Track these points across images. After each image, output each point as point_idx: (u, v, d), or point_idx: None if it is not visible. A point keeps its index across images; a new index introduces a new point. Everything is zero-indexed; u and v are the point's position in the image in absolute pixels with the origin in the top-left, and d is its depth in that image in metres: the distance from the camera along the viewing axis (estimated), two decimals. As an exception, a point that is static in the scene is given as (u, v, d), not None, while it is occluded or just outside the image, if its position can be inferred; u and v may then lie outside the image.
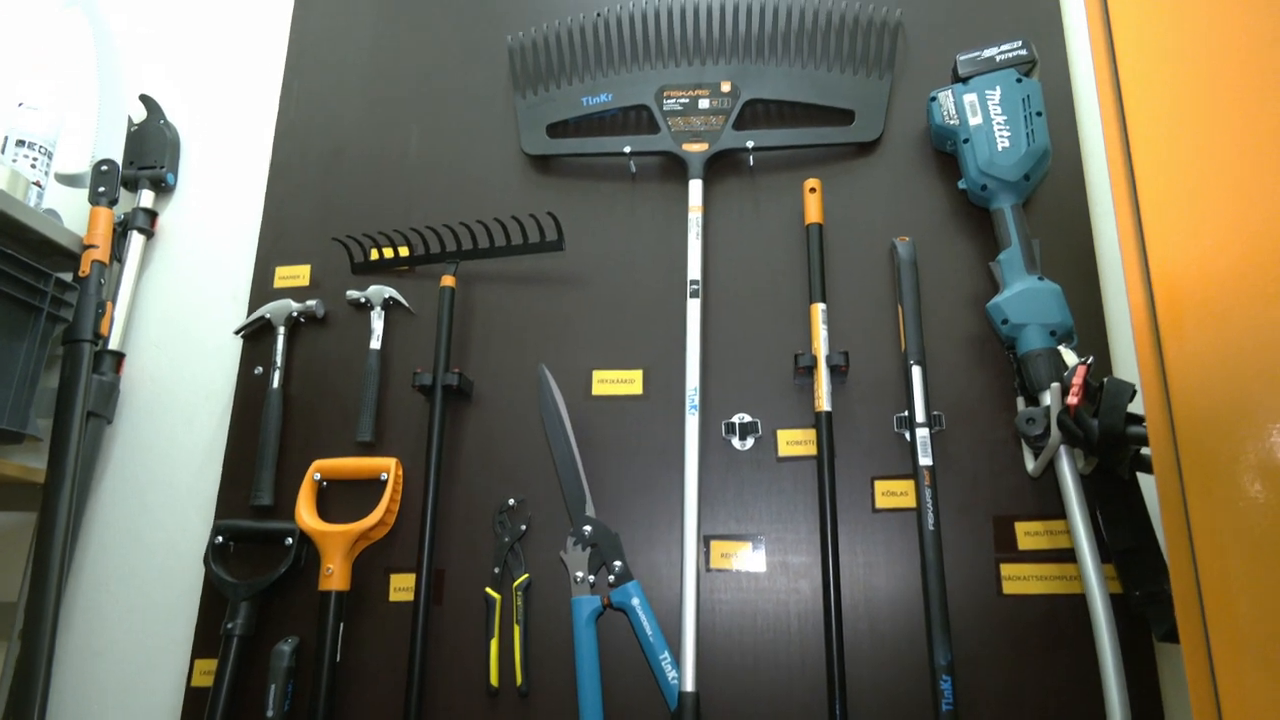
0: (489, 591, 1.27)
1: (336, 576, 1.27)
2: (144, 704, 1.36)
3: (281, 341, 1.45)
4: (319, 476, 1.36)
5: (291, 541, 1.32)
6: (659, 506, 1.29)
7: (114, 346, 1.50)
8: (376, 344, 1.42)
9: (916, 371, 1.24)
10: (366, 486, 1.35)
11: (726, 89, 1.43)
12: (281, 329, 1.46)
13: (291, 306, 1.46)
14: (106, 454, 1.49)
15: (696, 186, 1.38)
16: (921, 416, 1.21)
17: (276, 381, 1.43)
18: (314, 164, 1.59)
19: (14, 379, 1.31)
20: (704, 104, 1.43)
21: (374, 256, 1.47)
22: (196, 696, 1.30)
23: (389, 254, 1.46)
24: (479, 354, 1.42)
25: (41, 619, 1.23)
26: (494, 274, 1.46)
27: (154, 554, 1.43)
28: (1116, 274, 1.28)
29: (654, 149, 1.43)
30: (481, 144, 1.54)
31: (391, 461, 1.35)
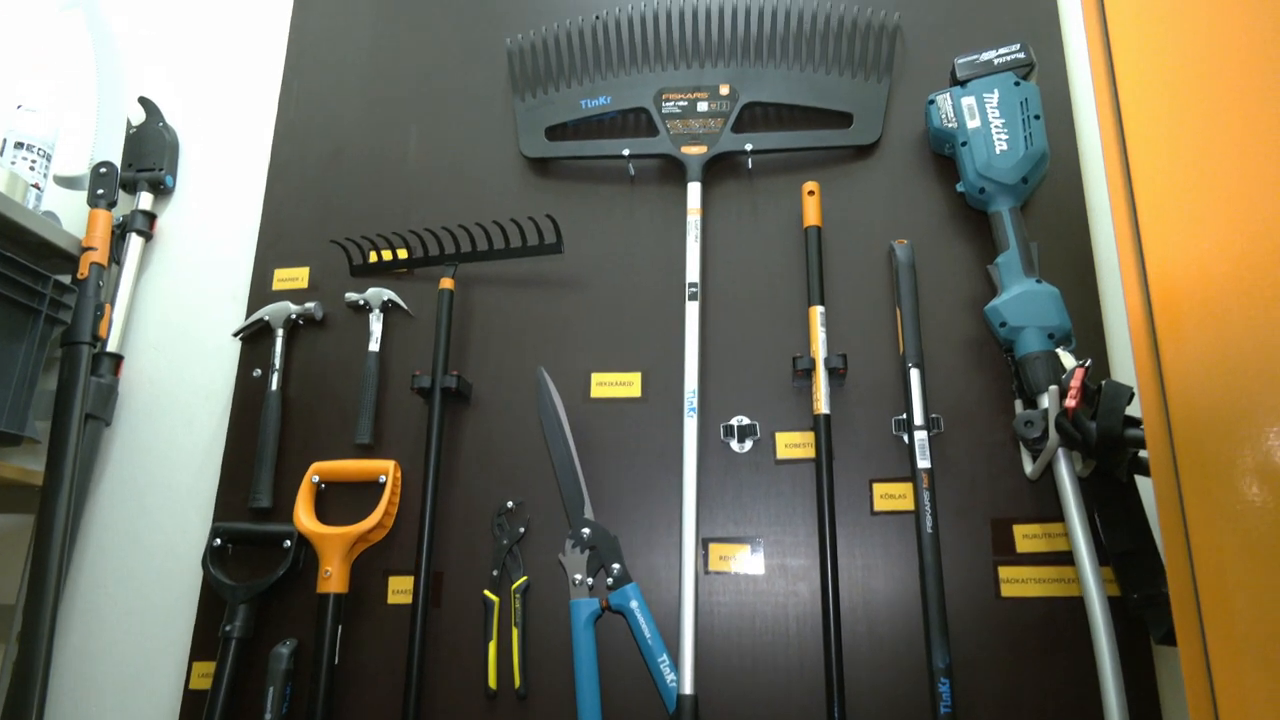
0: (487, 594, 1.27)
1: (335, 579, 1.27)
2: (142, 706, 1.36)
3: (280, 344, 1.45)
4: (317, 479, 1.36)
5: (290, 544, 1.32)
6: (657, 509, 1.29)
7: (112, 349, 1.50)
8: (375, 346, 1.42)
9: (915, 374, 1.24)
10: (365, 489, 1.35)
11: (725, 92, 1.43)
12: (280, 331, 1.46)
13: (290, 309, 1.46)
14: (105, 456, 1.49)
15: (695, 189, 1.39)
16: (920, 419, 1.21)
17: (275, 384, 1.43)
18: (313, 166, 1.59)
19: (12, 381, 1.31)
20: (703, 107, 1.43)
21: (373, 259, 1.47)
22: (194, 699, 1.30)
23: (388, 256, 1.46)
24: (478, 356, 1.42)
25: (39, 621, 1.23)
26: (493, 276, 1.46)
27: (152, 556, 1.43)
28: (1114, 277, 1.29)
29: (653, 152, 1.43)
30: (480, 146, 1.55)
31: (390, 464, 1.35)
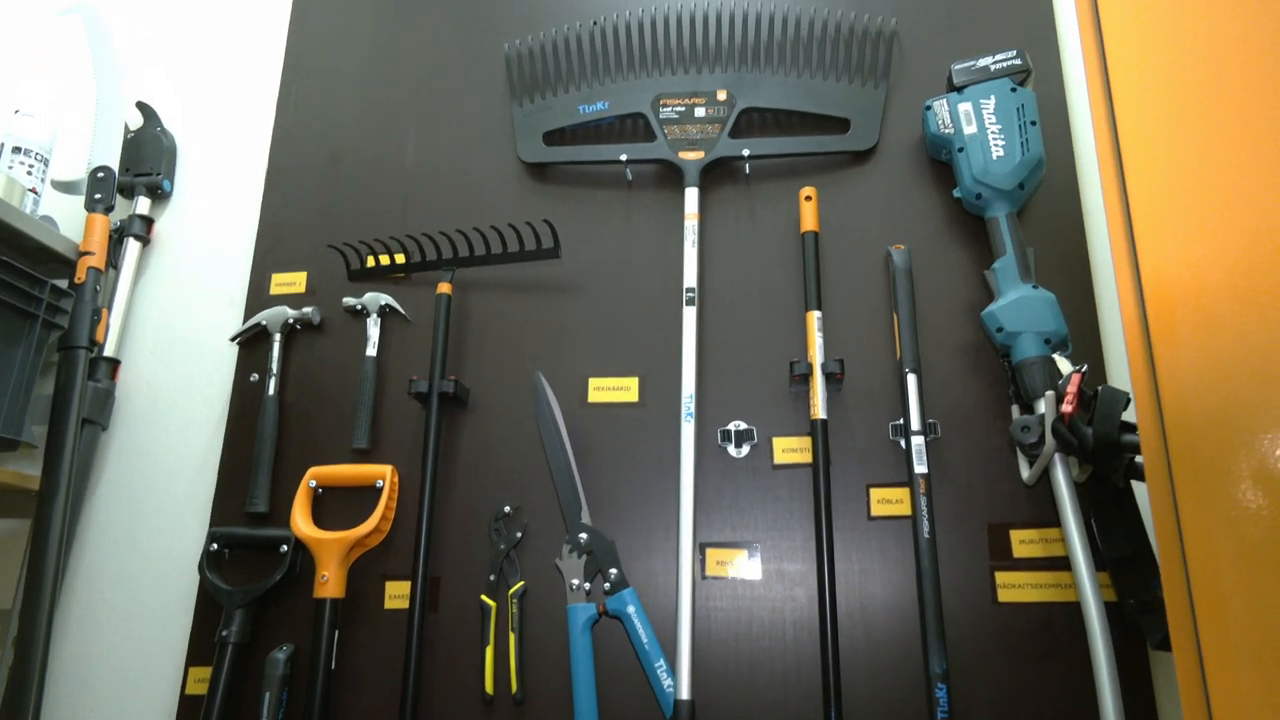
0: (484, 599, 1.27)
1: (332, 584, 1.27)
2: (138, 712, 1.35)
3: (277, 348, 1.45)
4: (314, 483, 1.36)
5: (287, 549, 1.32)
6: (655, 514, 1.29)
7: (109, 353, 1.50)
8: (373, 351, 1.42)
9: (912, 379, 1.24)
10: (362, 493, 1.35)
11: (722, 97, 1.44)
12: (277, 336, 1.46)
13: (287, 313, 1.46)
14: (101, 461, 1.49)
15: (692, 194, 1.39)
16: (917, 424, 1.21)
17: (272, 388, 1.43)
18: (310, 171, 1.59)
19: (9, 386, 1.31)
20: (700, 112, 1.43)
21: (370, 263, 1.47)
22: (191, 704, 1.30)
23: (385, 261, 1.47)
24: (475, 361, 1.42)
25: (35, 626, 1.22)
26: (490, 281, 1.46)
27: (149, 561, 1.43)
28: (1111, 282, 1.29)
29: (650, 157, 1.43)
30: (478, 151, 1.55)
31: (387, 469, 1.35)
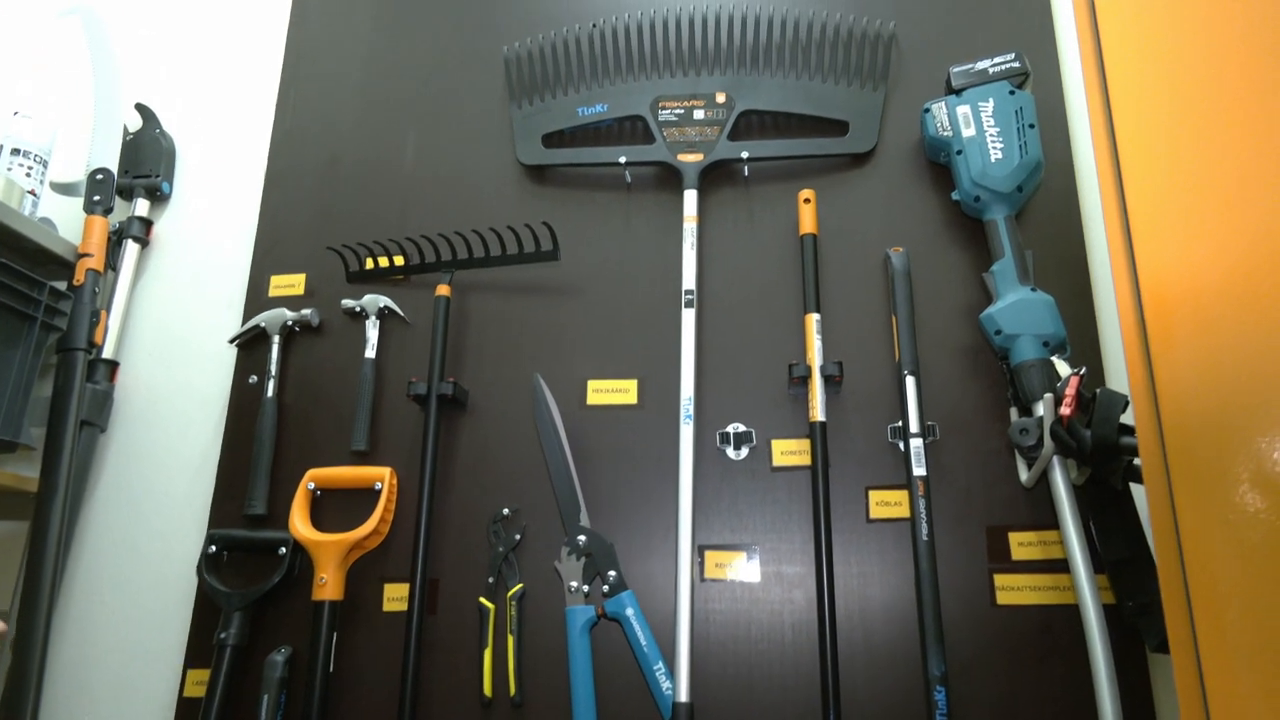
0: (483, 601, 1.27)
1: (330, 586, 1.27)
2: (136, 714, 1.35)
3: (276, 350, 1.45)
4: (313, 486, 1.36)
5: (285, 551, 1.32)
6: (654, 516, 1.29)
7: (108, 355, 1.50)
8: (371, 353, 1.42)
9: (910, 382, 1.24)
10: (361, 496, 1.35)
11: (721, 100, 1.44)
12: (276, 338, 1.46)
13: (286, 315, 1.46)
14: (100, 463, 1.49)
15: (691, 197, 1.39)
16: (915, 427, 1.21)
17: (271, 390, 1.43)
18: (310, 173, 1.59)
19: (7, 388, 1.31)
20: (699, 114, 1.43)
21: (369, 265, 1.47)
22: (189, 707, 1.30)
23: (384, 263, 1.47)
24: (474, 363, 1.42)
25: (33, 629, 1.22)
26: (489, 283, 1.46)
27: (147, 563, 1.43)
28: (1109, 285, 1.29)
29: (649, 159, 1.43)
30: (477, 153, 1.55)
31: (386, 471, 1.35)
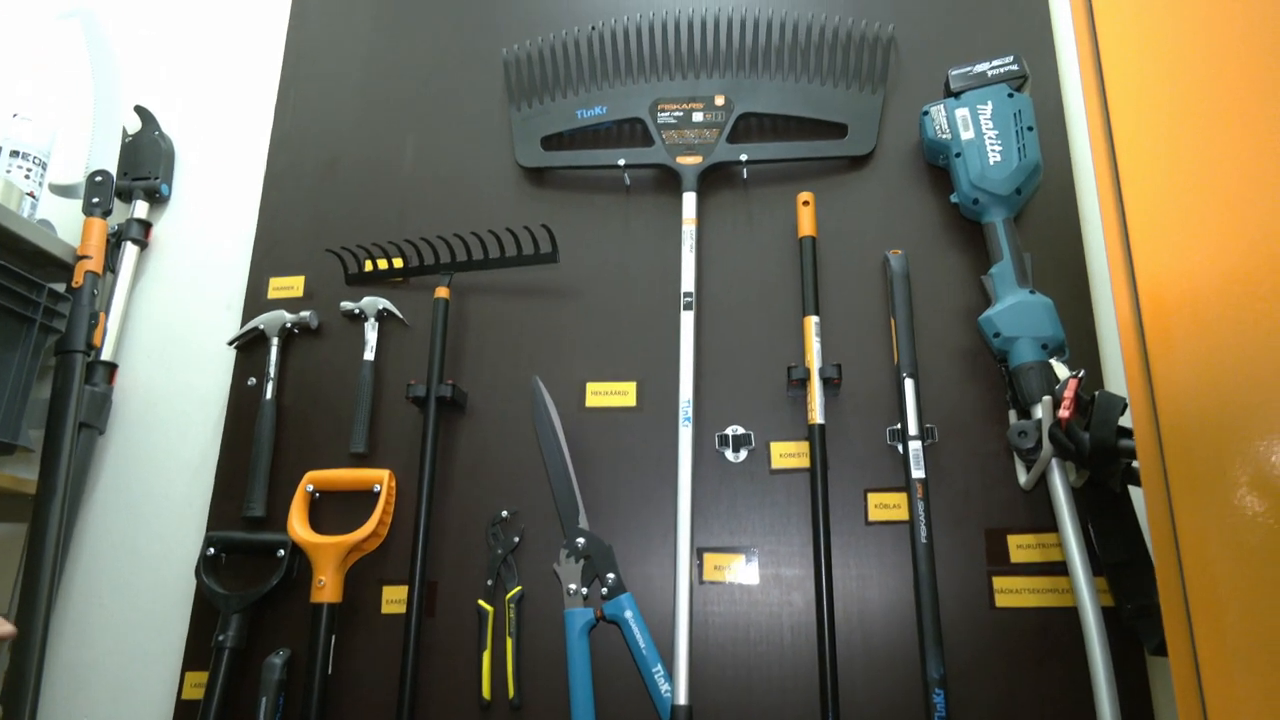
0: (481, 604, 1.27)
1: (329, 588, 1.27)
2: (134, 717, 1.35)
3: (275, 352, 1.45)
4: (312, 488, 1.36)
5: (284, 553, 1.32)
6: (652, 519, 1.29)
7: (107, 357, 1.50)
8: (370, 355, 1.42)
9: (909, 384, 1.24)
10: (359, 498, 1.35)
11: (720, 102, 1.44)
12: (275, 340, 1.46)
13: (285, 317, 1.46)
14: (98, 465, 1.49)
15: (690, 199, 1.39)
16: (914, 429, 1.21)
17: (270, 392, 1.43)
18: (309, 175, 1.59)
19: (5, 390, 1.31)
20: (698, 117, 1.44)
21: (368, 268, 1.47)
22: (187, 709, 1.30)
23: (383, 265, 1.47)
24: (473, 366, 1.42)
25: (32, 631, 1.22)
26: (488, 286, 1.46)
27: (145, 565, 1.43)
28: (1107, 287, 1.29)
29: (648, 162, 1.43)
30: (476, 156, 1.55)
31: (385, 473, 1.35)
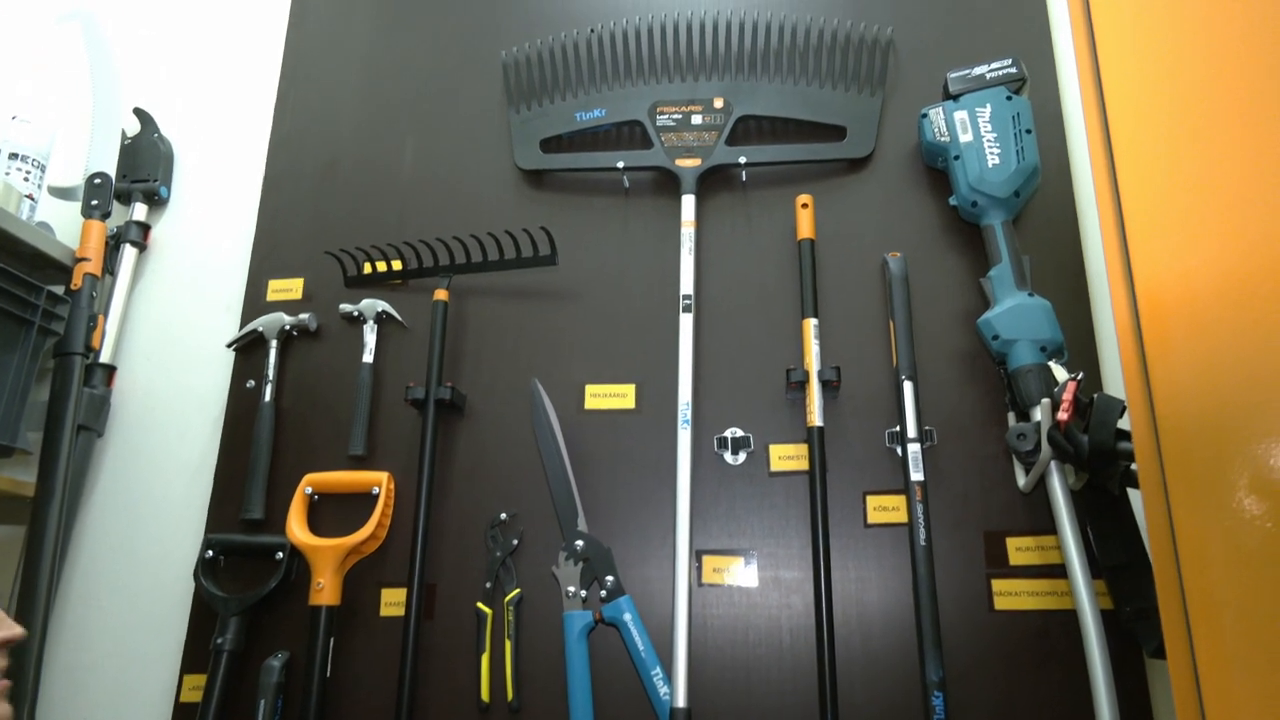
0: (480, 606, 1.26)
1: (327, 591, 1.27)
2: (133, 719, 1.35)
3: (274, 355, 1.45)
4: (310, 490, 1.36)
5: (282, 556, 1.32)
6: (651, 521, 1.29)
7: (105, 359, 1.50)
8: (369, 357, 1.42)
9: (908, 386, 1.24)
10: (358, 500, 1.35)
11: (719, 105, 1.44)
12: (274, 342, 1.45)
13: (284, 320, 1.46)
14: (97, 467, 1.49)
15: (689, 202, 1.39)
16: (913, 431, 1.21)
17: (268, 395, 1.42)
18: (308, 177, 1.59)
19: (4, 392, 1.31)
20: (697, 119, 1.44)
21: (367, 270, 1.47)
22: (185, 712, 1.29)
23: (382, 267, 1.47)
24: (472, 368, 1.42)
25: (30, 634, 1.22)
26: (487, 288, 1.46)
27: (144, 568, 1.42)
28: (1106, 290, 1.29)
29: (647, 164, 1.43)
30: (475, 158, 1.55)
31: (383, 475, 1.35)
